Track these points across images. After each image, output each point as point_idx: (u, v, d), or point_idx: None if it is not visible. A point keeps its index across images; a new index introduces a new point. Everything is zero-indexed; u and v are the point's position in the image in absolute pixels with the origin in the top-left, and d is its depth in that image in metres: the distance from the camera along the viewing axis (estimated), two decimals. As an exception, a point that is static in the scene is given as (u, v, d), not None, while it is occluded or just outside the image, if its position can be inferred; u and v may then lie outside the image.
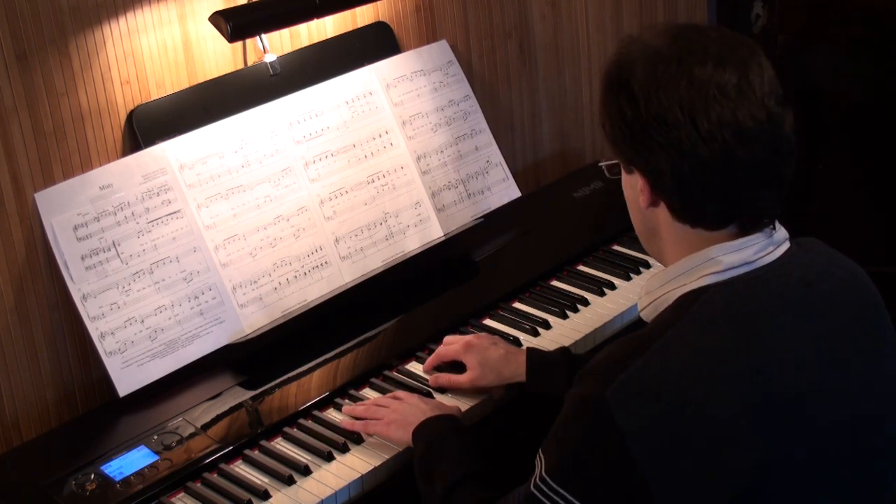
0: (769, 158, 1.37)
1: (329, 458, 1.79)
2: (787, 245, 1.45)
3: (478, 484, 1.60)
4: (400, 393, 1.87)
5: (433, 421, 1.73)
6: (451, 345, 1.96)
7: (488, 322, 2.12)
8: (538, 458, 1.40)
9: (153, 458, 1.78)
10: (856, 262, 1.51)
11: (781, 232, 1.45)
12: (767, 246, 1.42)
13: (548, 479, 1.37)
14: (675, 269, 1.45)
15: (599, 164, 1.56)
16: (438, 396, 1.91)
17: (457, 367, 1.95)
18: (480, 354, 1.91)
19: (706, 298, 1.38)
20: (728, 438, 1.31)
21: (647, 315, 1.49)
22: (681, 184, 1.38)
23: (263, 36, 2.18)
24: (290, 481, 1.74)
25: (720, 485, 1.31)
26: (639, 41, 1.41)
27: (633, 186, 1.45)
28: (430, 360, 1.97)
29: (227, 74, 2.18)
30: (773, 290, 1.39)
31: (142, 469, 1.76)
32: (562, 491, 1.36)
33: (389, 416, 1.79)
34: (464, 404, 1.88)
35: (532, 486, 1.39)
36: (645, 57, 1.39)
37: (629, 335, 1.41)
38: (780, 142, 1.38)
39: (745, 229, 1.41)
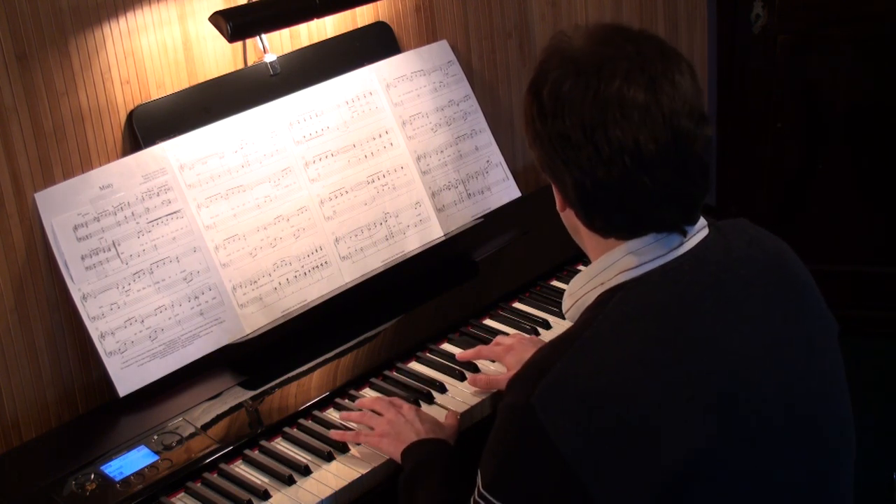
0: (673, 181, 1.35)
1: (329, 458, 1.79)
2: (704, 232, 1.43)
3: None
4: (397, 401, 1.85)
5: (425, 444, 1.71)
6: (498, 346, 1.95)
7: (488, 322, 2.12)
8: (477, 475, 1.40)
9: (153, 458, 1.78)
10: (783, 241, 1.48)
11: (699, 221, 1.43)
12: (683, 236, 1.40)
13: (486, 493, 1.36)
14: (593, 268, 1.44)
15: None
16: (429, 408, 1.90)
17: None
18: (519, 355, 1.89)
19: (621, 295, 1.38)
20: (653, 431, 1.29)
21: (571, 317, 1.48)
22: (583, 199, 1.38)
23: (263, 36, 2.18)
24: (290, 481, 1.74)
25: (653, 478, 1.29)
26: (561, 44, 1.39)
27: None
28: (470, 353, 1.96)
29: (227, 74, 2.18)
30: (688, 280, 1.37)
31: (142, 469, 1.76)
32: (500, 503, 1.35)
33: (383, 429, 1.77)
34: (460, 407, 1.89)
35: None
36: (560, 66, 1.37)
37: (554, 338, 1.40)
38: (688, 163, 1.35)
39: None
